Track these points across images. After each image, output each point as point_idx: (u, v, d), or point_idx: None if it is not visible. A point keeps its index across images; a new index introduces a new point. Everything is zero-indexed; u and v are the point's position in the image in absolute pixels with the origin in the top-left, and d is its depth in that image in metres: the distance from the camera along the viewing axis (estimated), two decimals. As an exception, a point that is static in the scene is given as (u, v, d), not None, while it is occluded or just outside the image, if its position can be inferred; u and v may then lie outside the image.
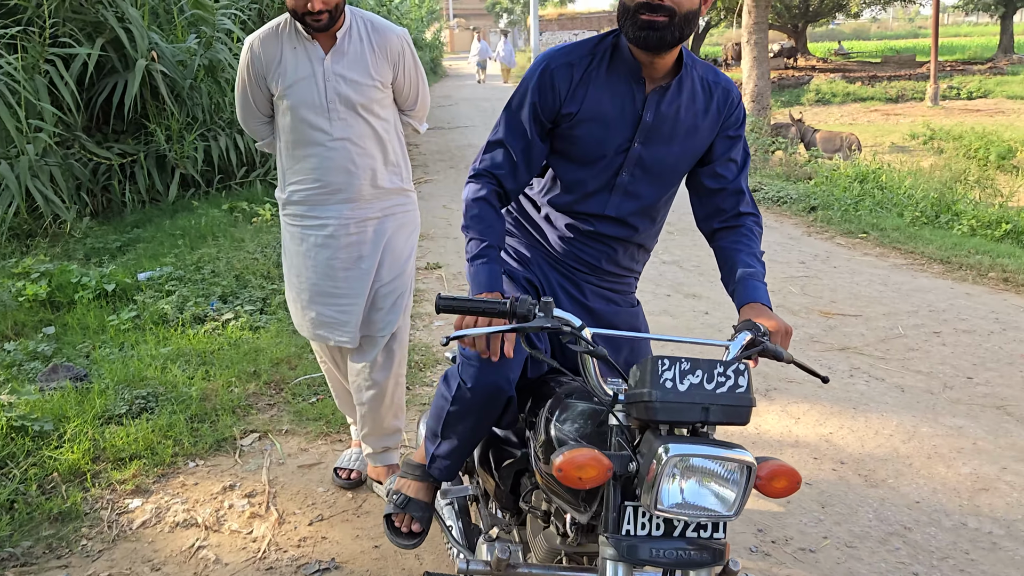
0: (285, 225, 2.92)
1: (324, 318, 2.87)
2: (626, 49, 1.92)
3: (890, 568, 2.60)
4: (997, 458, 3.20)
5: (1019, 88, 25.00)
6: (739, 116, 2.02)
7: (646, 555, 1.44)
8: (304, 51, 2.68)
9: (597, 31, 41.41)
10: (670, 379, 1.43)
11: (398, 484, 2.34)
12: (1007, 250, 6.01)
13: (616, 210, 2.02)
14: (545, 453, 1.69)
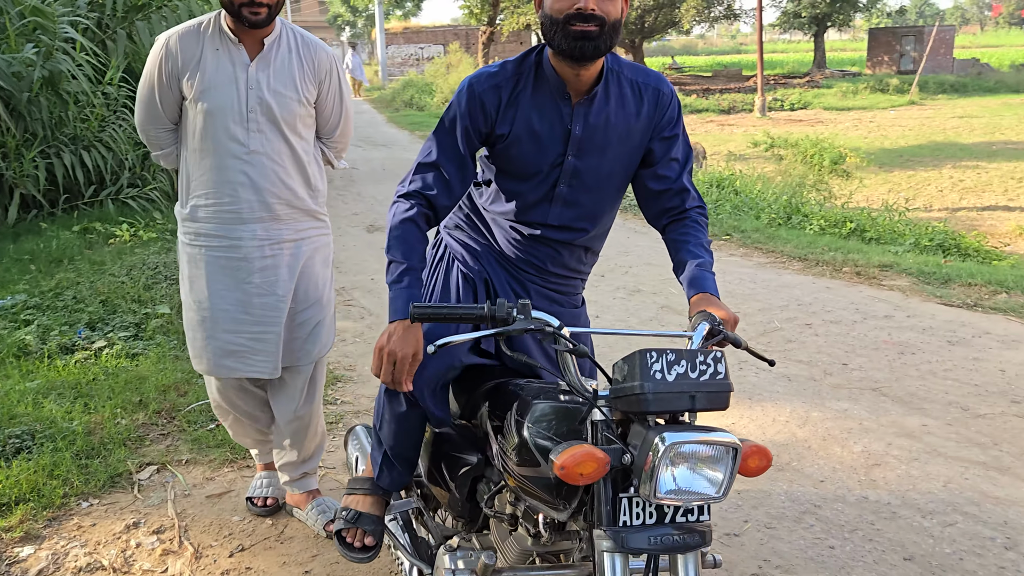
0: (186, 245, 2.65)
1: (233, 347, 2.64)
2: (548, 66, 1.93)
3: (808, 544, 2.77)
4: (882, 435, 3.48)
5: (834, 100, 27.32)
6: (673, 114, 2.05)
7: (644, 543, 1.47)
8: (227, 54, 2.50)
9: (443, 45, 40.94)
10: (659, 370, 1.46)
11: (347, 501, 2.30)
12: (855, 246, 6.55)
13: (558, 219, 2.05)
14: (519, 456, 1.68)
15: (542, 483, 1.64)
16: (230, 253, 2.58)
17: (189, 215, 2.61)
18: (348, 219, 8.29)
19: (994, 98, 27.64)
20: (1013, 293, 5.38)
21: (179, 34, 2.52)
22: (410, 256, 1.88)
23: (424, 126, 17.34)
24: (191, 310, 2.67)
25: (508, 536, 1.95)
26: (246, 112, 2.50)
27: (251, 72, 2.50)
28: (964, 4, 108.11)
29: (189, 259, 2.64)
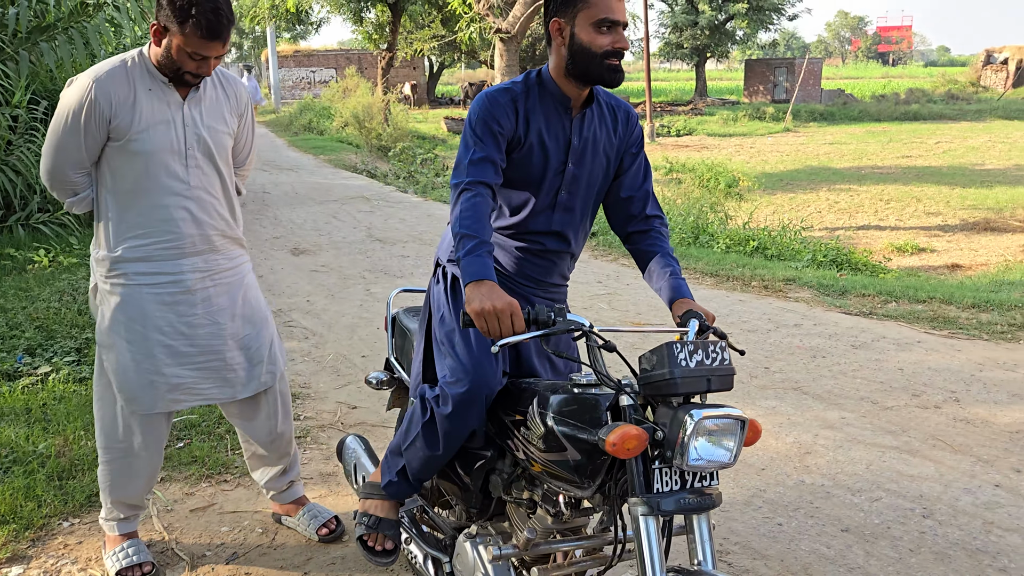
0: (116, 287, 2.60)
1: (179, 380, 2.66)
2: (551, 84, 2.21)
3: (759, 522, 3.12)
4: (808, 428, 3.90)
5: (716, 127, 28.86)
6: (639, 133, 2.39)
7: (673, 506, 1.73)
8: (161, 94, 2.53)
9: (335, 69, 40.55)
10: (683, 359, 1.74)
11: (364, 506, 2.42)
12: (759, 263, 7.11)
13: (559, 225, 2.30)
14: (545, 443, 1.92)
15: (568, 466, 1.87)
16: (172, 288, 2.61)
17: (120, 256, 2.58)
18: (270, 243, 8.31)
19: (859, 126, 29.84)
20: (901, 302, 6.02)
21: (106, 76, 2.47)
22: (481, 232, 2.01)
23: (327, 150, 17.34)
24: (124, 352, 2.62)
25: (527, 519, 2.16)
26: (185, 150, 2.56)
27: (186, 111, 2.56)
28: (827, 38, 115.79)
29: (123, 300, 2.60)
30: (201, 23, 2.37)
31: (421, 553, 2.48)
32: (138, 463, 2.78)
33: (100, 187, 2.60)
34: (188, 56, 2.43)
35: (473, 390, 2.12)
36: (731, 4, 35.70)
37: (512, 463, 2.21)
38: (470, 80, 44.30)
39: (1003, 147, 22.97)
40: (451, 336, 2.23)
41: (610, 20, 2.10)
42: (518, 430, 2.06)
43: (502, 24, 14.23)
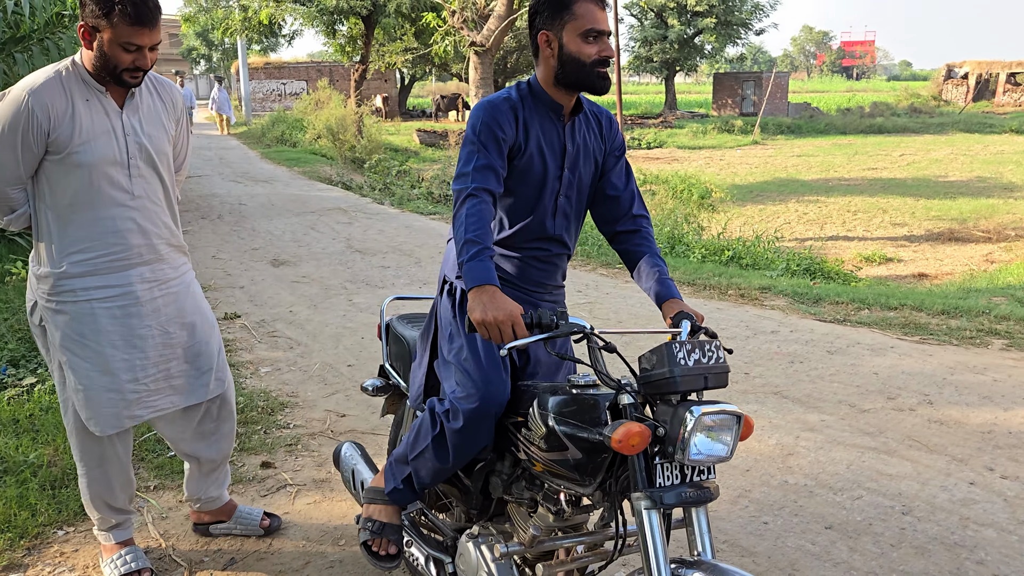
0: (64, 304, 2.54)
1: (135, 395, 2.63)
2: (542, 93, 2.30)
3: (746, 521, 3.21)
4: (789, 430, 4.01)
5: (686, 139, 29.24)
6: (620, 137, 2.50)
7: (676, 499, 1.81)
8: (99, 104, 2.47)
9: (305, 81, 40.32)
10: (682, 358, 1.82)
11: (368, 511, 2.47)
12: (735, 272, 7.26)
13: (560, 230, 2.38)
14: (547, 443, 1.98)
15: (569, 465, 1.94)
16: (122, 301, 2.57)
17: (65, 272, 2.52)
18: (250, 254, 8.31)
19: (825, 139, 30.40)
20: (873, 309, 6.18)
21: (40, 89, 2.39)
22: (485, 238, 2.07)
23: (301, 162, 17.31)
24: (81, 370, 2.58)
25: (529, 518, 2.22)
26: (127, 159, 2.51)
27: (125, 119, 2.51)
28: (793, 52, 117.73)
29: (72, 318, 2.54)
30: (127, 10, 2.32)
31: (423, 555, 2.52)
32: (112, 469, 2.78)
33: (38, 202, 2.52)
34: (122, 49, 2.37)
35: (483, 406, 2.17)
36: (700, 19, 36.23)
37: (512, 464, 2.27)
38: (441, 93, 44.39)
39: (965, 159, 23.55)
40: (460, 353, 2.27)
41: (596, 30, 2.20)
42: (519, 431, 2.12)
43: (477, 37, 14.35)
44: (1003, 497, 3.35)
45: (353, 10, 19.10)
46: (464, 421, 2.19)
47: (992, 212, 15.42)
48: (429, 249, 8.57)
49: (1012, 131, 31.37)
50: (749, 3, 37.30)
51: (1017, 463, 3.65)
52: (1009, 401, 4.34)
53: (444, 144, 25.18)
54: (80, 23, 2.37)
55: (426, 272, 7.53)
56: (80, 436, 2.71)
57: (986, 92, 45.19)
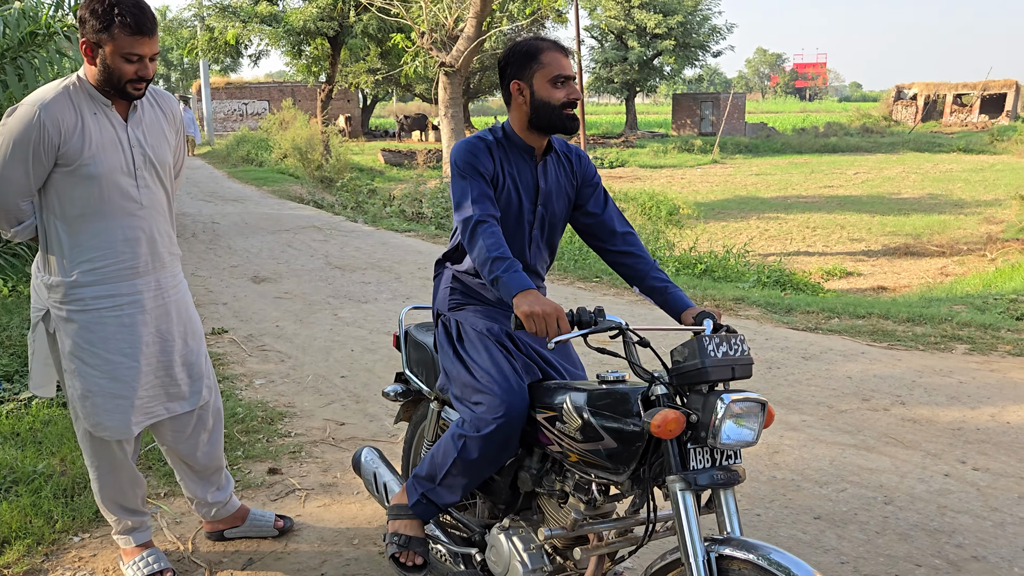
0: (74, 313, 2.61)
1: (142, 400, 2.72)
2: (515, 137, 2.49)
3: (739, 514, 3.39)
4: (774, 430, 4.22)
5: (647, 159, 29.76)
6: (592, 169, 2.66)
7: (708, 481, 1.95)
8: (105, 117, 2.56)
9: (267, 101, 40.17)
10: (711, 350, 1.96)
11: (394, 526, 2.57)
12: (708, 284, 7.51)
13: (533, 260, 2.57)
14: (583, 434, 2.12)
15: (602, 454, 2.08)
16: (130, 309, 2.64)
17: (76, 281, 2.59)
18: (229, 271, 8.35)
19: (782, 158, 31.18)
20: (843, 317, 6.46)
21: (51, 103, 2.47)
22: (508, 253, 2.25)
23: (269, 181, 17.31)
24: (89, 377, 2.65)
25: (560, 508, 2.35)
26: (134, 170, 2.60)
27: (130, 131, 2.61)
28: (748, 74, 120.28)
29: (82, 327, 2.61)
30: (127, 21, 2.41)
31: (449, 552, 2.63)
32: (124, 472, 2.86)
33: (46, 213, 2.59)
34: (124, 60, 2.45)
35: (508, 415, 2.30)
36: (659, 41, 36.98)
37: (540, 459, 2.41)
38: (404, 113, 44.57)
39: (916, 177, 24.35)
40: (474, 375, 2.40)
41: (563, 76, 2.41)
42: (552, 425, 2.25)
43: (446, 58, 14.57)
44: (976, 487, 3.58)
45: (320, 31, 19.20)
46: (491, 433, 2.32)
47: (944, 227, 16.00)
48: (408, 265, 8.70)
49: (960, 150, 32.51)
50: (706, 26, 38.19)
51: (987, 456, 3.89)
52: (975, 400, 4.61)
53: (411, 164, 25.32)
54: (81, 40, 2.46)
55: (407, 287, 7.66)
56: (91, 442, 2.79)
57: (934, 112, 46.74)
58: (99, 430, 2.71)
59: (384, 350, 5.64)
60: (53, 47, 8.44)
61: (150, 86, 2.68)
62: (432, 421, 2.84)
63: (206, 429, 2.99)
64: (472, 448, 2.35)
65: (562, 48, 2.47)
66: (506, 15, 17.77)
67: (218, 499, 3.13)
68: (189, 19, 21.75)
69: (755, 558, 1.84)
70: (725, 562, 1.91)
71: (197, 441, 2.97)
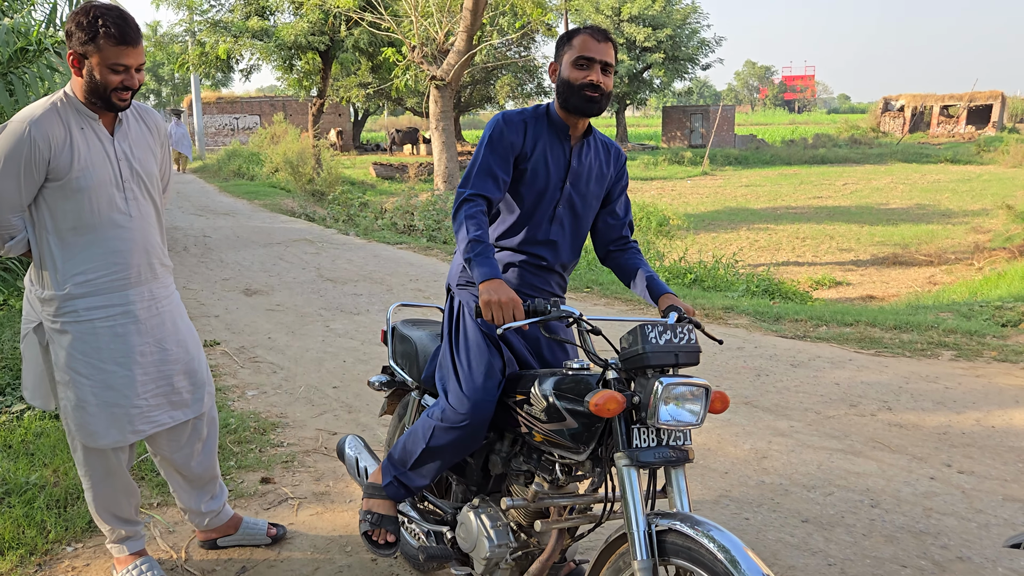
0: (68, 325, 2.65)
1: (138, 410, 2.74)
2: (555, 115, 2.59)
3: (728, 518, 3.43)
4: (762, 436, 4.26)
5: (638, 171, 29.89)
6: (626, 171, 2.78)
7: (651, 458, 2.07)
8: (92, 131, 2.61)
9: (258, 115, 40.19)
10: (654, 337, 2.07)
11: (367, 504, 2.70)
12: (698, 293, 7.56)
13: (555, 235, 2.61)
14: (548, 416, 2.25)
15: (565, 434, 2.21)
16: (123, 319, 2.69)
17: (69, 293, 2.63)
18: (221, 284, 8.37)
19: (771, 169, 31.38)
20: (831, 325, 6.52)
21: (40, 119, 2.52)
22: (485, 237, 2.35)
23: (260, 195, 17.34)
24: (83, 387, 2.68)
25: (526, 487, 2.47)
26: (122, 182, 2.65)
27: (116, 145, 2.66)
28: (737, 87, 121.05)
29: (75, 337, 2.65)
30: (111, 31, 2.47)
31: (422, 530, 2.72)
32: (118, 482, 2.88)
33: (38, 228, 2.63)
34: (110, 71, 2.51)
35: (474, 420, 2.44)
36: (648, 54, 37.23)
37: (511, 443, 2.55)
38: (395, 127, 44.69)
39: (904, 187, 24.54)
40: (458, 359, 2.53)
41: (585, 58, 2.48)
42: (521, 407, 2.38)
43: (437, 72, 14.66)
44: (961, 489, 3.63)
45: (311, 45, 19.29)
46: (457, 431, 2.47)
47: (932, 237, 16.13)
48: (400, 277, 8.73)
49: (947, 160, 32.78)
50: (695, 39, 38.47)
51: (971, 459, 3.94)
52: (960, 406, 4.66)
53: (402, 177, 25.39)
54: (69, 52, 2.52)
55: (398, 298, 7.69)
56: (85, 451, 2.81)
57: (921, 124, 47.12)
58: (93, 439, 2.74)
59: (376, 360, 5.67)
60: (44, 63, 8.50)
61: (135, 102, 2.75)
62: (412, 409, 2.96)
63: (200, 439, 3.02)
64: (440, 437, 2.50)
65: (600, 33, 2.51)
66: (496, 29, 17.91)
67: (211, 508, 3.16)
68: (180, 34, 21.74)
69: (694, 533, 1.91)
70: (666, 535, 1.99)
71: (192, 451, 3.00)
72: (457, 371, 2.51)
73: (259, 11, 20.09)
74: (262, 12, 20.17)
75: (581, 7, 37.88)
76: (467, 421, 2.44)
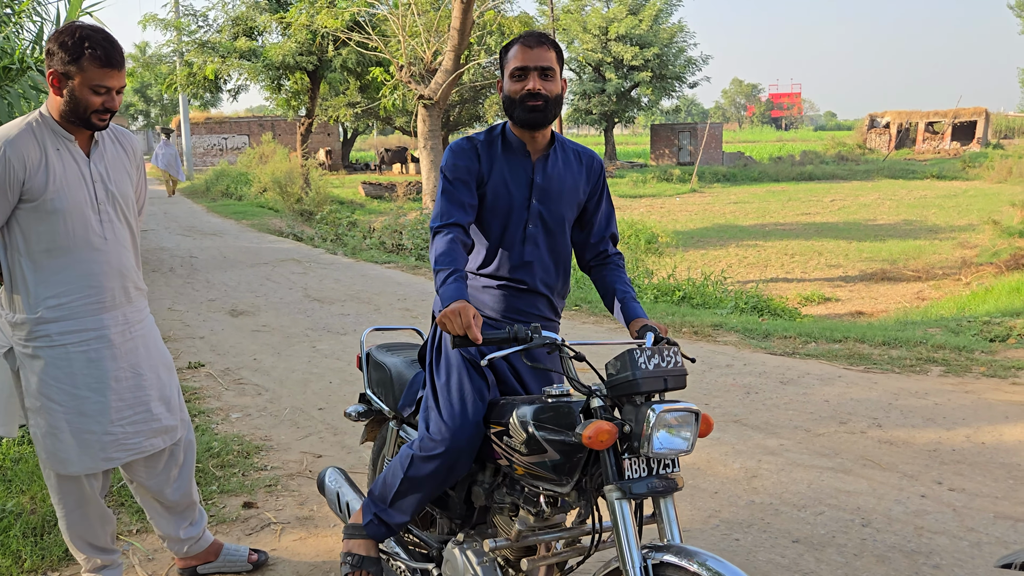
0: (40, 350, 2.59)
1: (112, 437, 2.68)
2: (511, 134, 2.54)
3: (718, 539, 3.38)
4: (752, 455, 4.22)
5: (627, 188, 29.96)
6: (604, 179, 2.69)
7: (644, 489, 1.99)
8: (68, 153, 2.58)
9: (247, 135, 40.21)
10: (643, 362, 2.00)
11: (348, 546, 2.60)
12: (687, 311, 7.54)
13: (530, 256, 2.54)
14: (528, 447, 2.16)
15: (547, 466, 2.12)
16: (97, 344, 2.63)
17: (41, 317, 2.57)
18: (207, 305, 8.30)
19: (759, 186, 31.51)
20: (820, 342, 6.50)
21: (16, 139, 2.50)
22: (456, 263, 2.28)
23: (248, 215, 17.28)
24: (55, 414, 2.62)
25: (511, 521, 2.38)
26: (97, 204, 2.62)
27: (92, 167, 2.63)
28: (724, 104, 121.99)
29: (48, 363, 2.59)
30: (97, 53, 2.45)
31: (408, 568, 2.64)
32: (93, 509, 2.82)
33: (10, 251, 2.58)
34: (92, 92, 2.49)
35: (453, 447, 2.37)
36: (636, 73, 37.47)
37: (493, 473, 2.45)
38: (385, 146, 44.76)
39: (891, 203, 24.67)
40: (436, 390, 2.46)
41: (520, 68, 2.42)
42: (501, 440, 2.29)
43: (425, 91, 14.68)
44: (952, 508, 3.59)
45: (299, 65, 19.31)
46: (435, 457, 2.39)
47: (920, 253, 16.19)
48: (387, 296, 8.68)
49: (933, 176, 33.01)
50: (682, 58, 38.75)
51: (962, 477, 3.91)
52: (950, 422, 4.64)
53: (391, 196, 25.38)
54: (49, 71, 2.48)
55: (386, 318, 7.63)
56: (58, 479, 2.75)
57: (907, 140, 47.52)
58: (65, 467, 2.68)
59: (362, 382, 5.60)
60: (27, 82, 8.45)
61: (112, 124, 2.72)
62: (391, 440, 2.87)
63: (177, 464, 2.96)
64: (419, 467, 2.42)
65: (533, 38, 2.43)
66: (484, 48, 17.97)
67: (191, 535, 3.09)
68: (168, 55, 21.71)
69: (692, 565, 1.86)
70: (662, 569, 1.93)
71: (168, 477, 2.94)
72: (437, 398, 2.45)
73: (247, 31, 20.09)
74: (250, 32, 20.17)
75: (568, 27, 38.14)
76: (444, 448, 2.36)
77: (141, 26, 18.95)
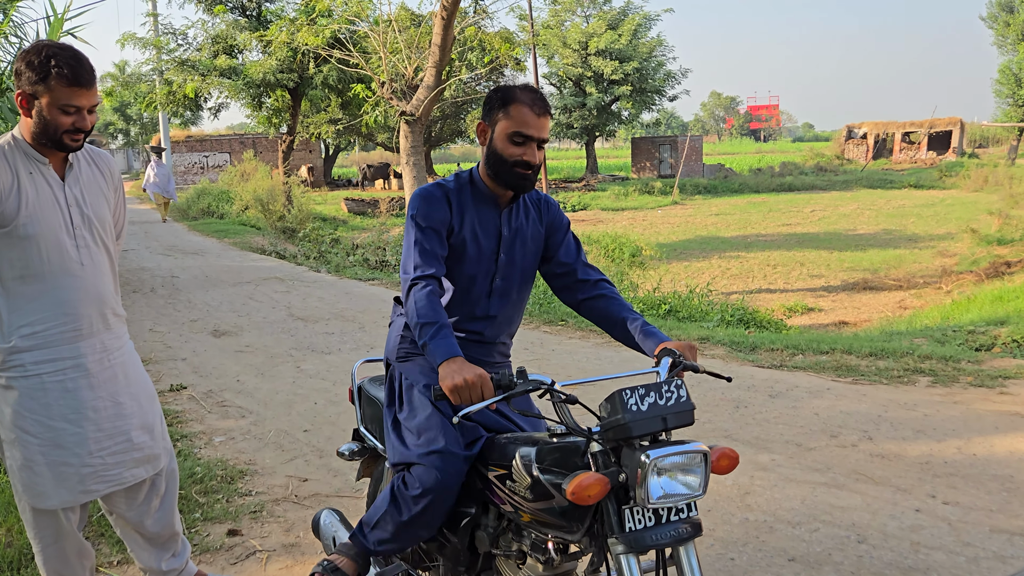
0: (14, 380, 2.49)
1: (91, 469, 2.58)
2: (480, 183, 2.46)
3: (713, 559, 3.33)
4: (744, 471, 4.18)
5: (609, 201, 30.06)
6: (561, 217, 2.62)
7: (649, 541, 1.84)
8: (41, 176, 2.49)
9: (228, 153, 40.08)
10: (634, 403, 1.85)
11: (331, 558, 2.51)
12: (673, 324, 7.51)
13: (496, 309, 2.50)
14: (533, 492, 2.02)
15: (556, 512, 1.98)
16: (73, 373, 2.54)
17: (15, 347, 2.48)
18: (189, 326, 8.18)
19: (740, 198, 31.71)
20: (807, 354, 6.49)
21: None
22: (439, 317, 2.20)
23: (230, 233, 17.14)
24: (30, 446, 2.52)
25: (518, 570, 2.25)
26: (72, 229, 2.53)
27: (67, 190, 2.54)
28: (703, 117, 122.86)
29: (22, 394, 2.50)
30: (64, 72, 2.36)
31: None
32: (70, 544, 2.72)
33: None
34: (61, 112, 2.40)
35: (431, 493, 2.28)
36: (616, 87, 37.64)
37: (496, 517, 2.31)
38: (367, 162, 44.68)
39: (870, 213, 24.87)
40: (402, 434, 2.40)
41: (523, 135, 2.32)
42: (503, 483, 2.15)
43: (407, 107, 14.65)
44: (947, 522, 3.56)
45: (280, 83, 19.23)
46: (418, 497, 2.30)
47: (900, 262, 16.30)
48: (372, 314, 8.60)
49: (910, 186, 33.36)
50: (661, 71, 38.98)
51: (956, 489, 3.88)
52: (941, 433, 4.62)
53: (374, 212, 25.31)
54: (17, 92, 2.40)
55: (371, 337, 7.56)
56: (34, 512, 2.65)
57: (884, 150, 48.06)
58: (41, 500, 2.58)
59: (348, 402, 5.52)
60: (6, 103, 8.34)
61: (87, 145, 2.64)
62: (387, 479, 2.75)
63: (159, 495, 2.86)
64: (403, 508, 2.34)
65: (540, 105, 2.35)
66: (465, 64, 17.98)
67: (173, 566, 3.00)
68: (147, 73, 21.57)
69: None
70: None
71: (149, 508, 2.84)
72: (405, 442, 2.37)
73: (227, 50, 19.99)
74: (230, 51, 20.07)
75: (549, 42, 38.29)
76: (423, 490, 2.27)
77: (119, 45, 18.80)
